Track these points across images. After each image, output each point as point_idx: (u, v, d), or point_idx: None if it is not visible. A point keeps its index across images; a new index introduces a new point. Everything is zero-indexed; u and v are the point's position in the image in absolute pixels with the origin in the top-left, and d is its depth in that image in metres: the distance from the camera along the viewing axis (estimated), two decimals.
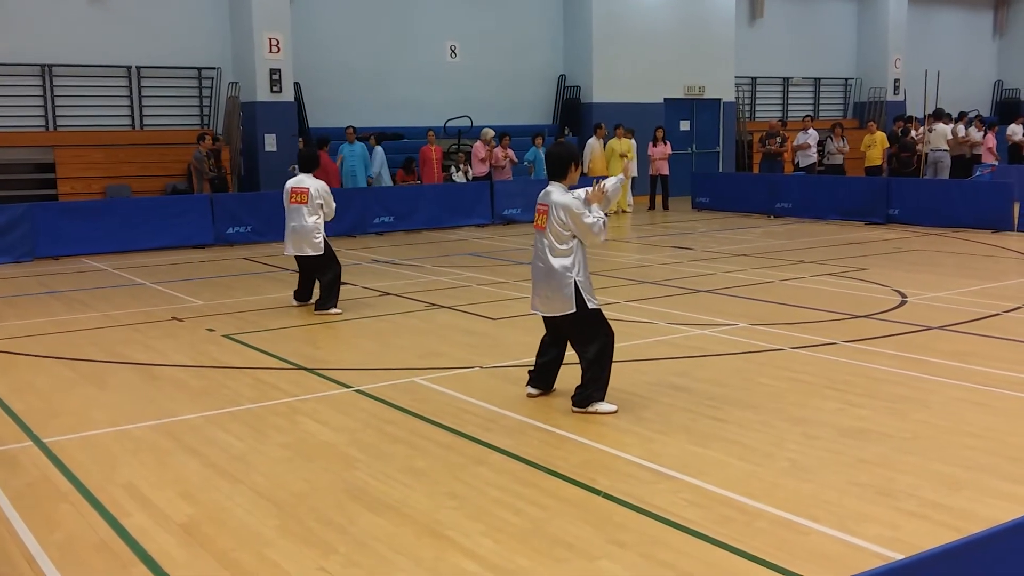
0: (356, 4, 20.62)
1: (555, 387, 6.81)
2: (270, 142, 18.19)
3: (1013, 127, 23.41)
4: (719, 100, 24.69)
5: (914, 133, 20.30)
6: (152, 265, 13.75)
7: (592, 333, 6.38)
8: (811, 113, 26.03)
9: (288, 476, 5.34)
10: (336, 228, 10.29)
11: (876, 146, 20.11)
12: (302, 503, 4.94)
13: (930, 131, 19.96)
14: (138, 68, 18.49)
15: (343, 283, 10.46)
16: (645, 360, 7.75)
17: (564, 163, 6.48)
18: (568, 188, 6.47)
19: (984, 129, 21.67)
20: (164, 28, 18.62)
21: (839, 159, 20.54)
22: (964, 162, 20.90)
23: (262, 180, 18.53)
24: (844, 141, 20.53)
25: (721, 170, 24.61)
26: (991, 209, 15.97)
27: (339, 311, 9.95)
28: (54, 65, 17.74)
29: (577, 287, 6.31)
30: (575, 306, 6.30)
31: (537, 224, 6.48)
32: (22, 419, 6.47)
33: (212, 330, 9.21)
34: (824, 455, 5.52)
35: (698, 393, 6.80)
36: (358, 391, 7.02)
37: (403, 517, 4.73)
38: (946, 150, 20.05)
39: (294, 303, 10.37)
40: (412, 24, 21.27)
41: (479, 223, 18.19)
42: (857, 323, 9.07)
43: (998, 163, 21.12)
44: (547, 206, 6.38)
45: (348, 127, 18.26)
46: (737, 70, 25.17)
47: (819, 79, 27.94)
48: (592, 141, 20.77)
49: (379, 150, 18.61)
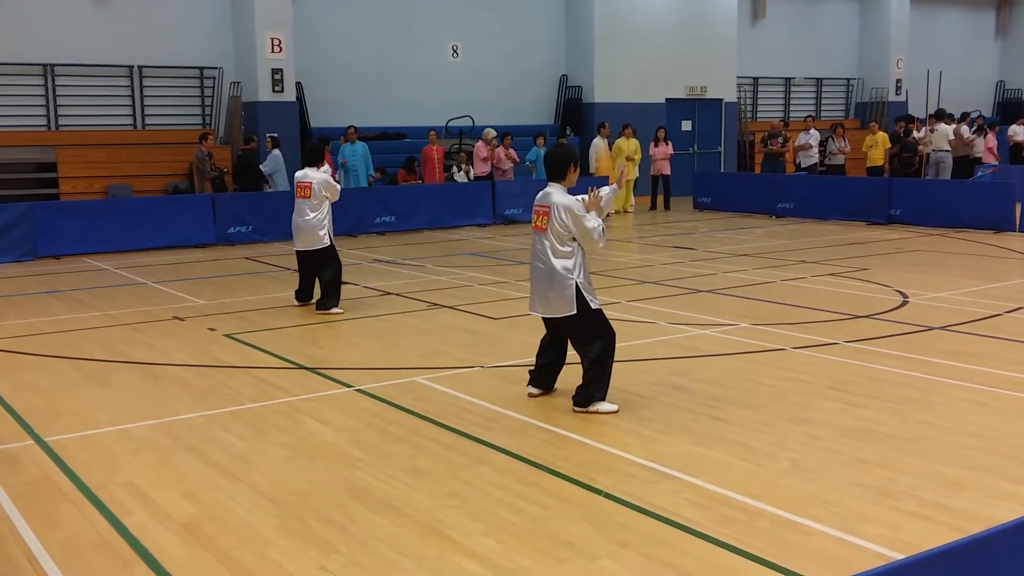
0: (358, 4, 20.62)
1: (556, 387, 6.81)
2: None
3: (1015, 127, 23.40)
4: (721, 100, 24.68)
5: (916, 133, 20.29)
6: (153, 264, 13.75)
7: (594, 333, 6.37)
8: (813, 113, 26.00)
9: (289, 475, 5.34)
10: (337, 228, 10.31)
11: (878, 146, 20.10)
12: (303, 502, 4.94)
13: (932, 131, 19.95)
14: (140, 68, 18.50)
15: (344, 283, 10.46)
16: (646, 360, 7.74)
17: (564, 164, 6.48)
18: (567, 190, 6.48)
19: (984, 130, 21.65)
20: (166, 28, 18.63)
21: (841, 159, 20.53)
22: (966, 163, 20.89)
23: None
24: (846, 141, 20.52)
25: (723, 170, 24.60)
26: (993, 209, 15.97)
27: (340, 311, 9.95)
28: (56, 64, 17.75)
29: (578, 288, 6.31)
30: (576, 308, 6.30)
31: (537, 225, 6.46)
32: (23, 418, 6.48)
33: (213, 329, 9.22)
34: (825, 455, 5.52)
35: (699, 393, 6.80)
36: (359, 391, 7.02)
37: (404, 517, 4.73)
38: (948, 151, 20.03)
39: (295, 303, 10.37)
40: (414, 24, 21.27)
41: (480, 223, 18.19)
42: (858, 323, 9.07)
43: (999, 163, 21.12)
44: (548, 207, 6.37)
45: (349, 127, 18.26)
46: (739, 70, 25.15)
47: (821, 79, 27.93)
48: (597, 141, 20.71)
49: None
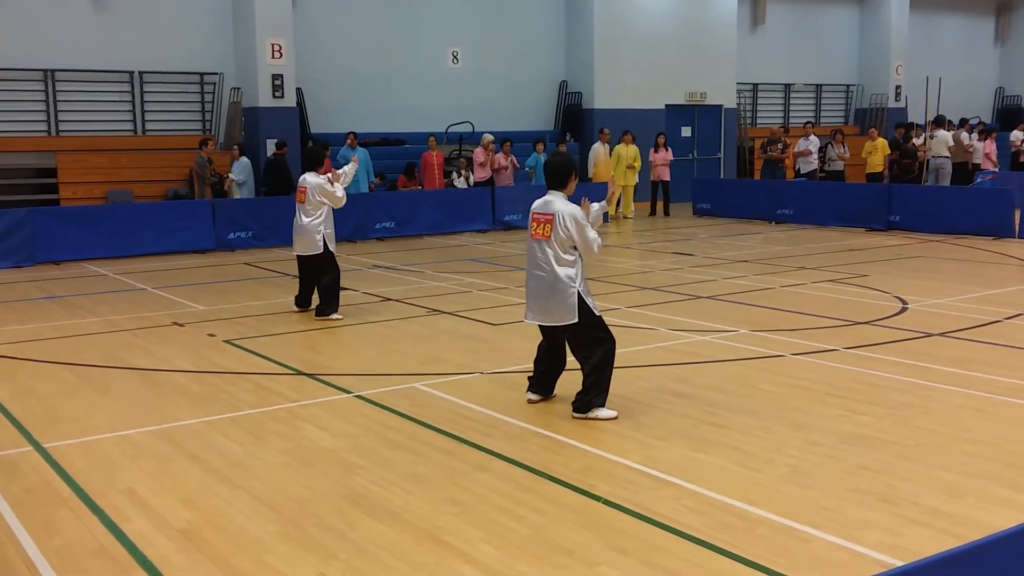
0: (358, 10, 20.65)
1: (555, 393, 6.81)
2: (272, 148, 18.17)
3: (1016, 133, 23.42)
4: (720, 106, 24.69)
5: (915, 140, 20.31)
6: (153, 270, 13.75)
7: (595, 340, 6.38)
8: (812, 119, 26.06)
9: (288, 482, 5.33)
10: (337, 233, 10.31)
11: (877, 152, 20.12)
12: (302, 509, 4.93)
13: (931, 138, 19.97)
14: (140, 73, 18.51)
15: (344, 288, 10.46)
16: (646, 366, 7.74)
17: (566, 173, 6.49)
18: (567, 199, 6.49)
19: (984, 136, 21.68)
20: (167, 33, 18.64)
21: (840, 165, 20.55)
22: (965, 169, 20.91)
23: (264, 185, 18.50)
24: (845, 147, 20.55)
25: (722, 176, 24.60)
26: (992, 216, 15.98)
27: (340, 316, 9.95)
28: (56, 70, 17.76)
29: (580, 296, 6.32)
30: (578, 315, 6.30)
31: (538, 233, 6.43)
32: (22, 424, 6.47)
33: (213, 335, 9.21)
34: (825, 461, 5.51)
35: (699, 399, 6.79)
36: (359, 397, 7.02)
37: (403, 523, 4.73)
38: (947, 157, 20.06)
39: (295, 308, 10.37)
40: (414, 30, 21.29)
41: (480, 229, 18.18)
42: (858, 329, 9.06)
43: (999, 170, 21.12)
44: (551, 215, 6.35)
45: (349, 133, 18.27)
46: (739, 76, 25.17)
47: (820, 85, 27.95)
48: (597, 146, 20.69)
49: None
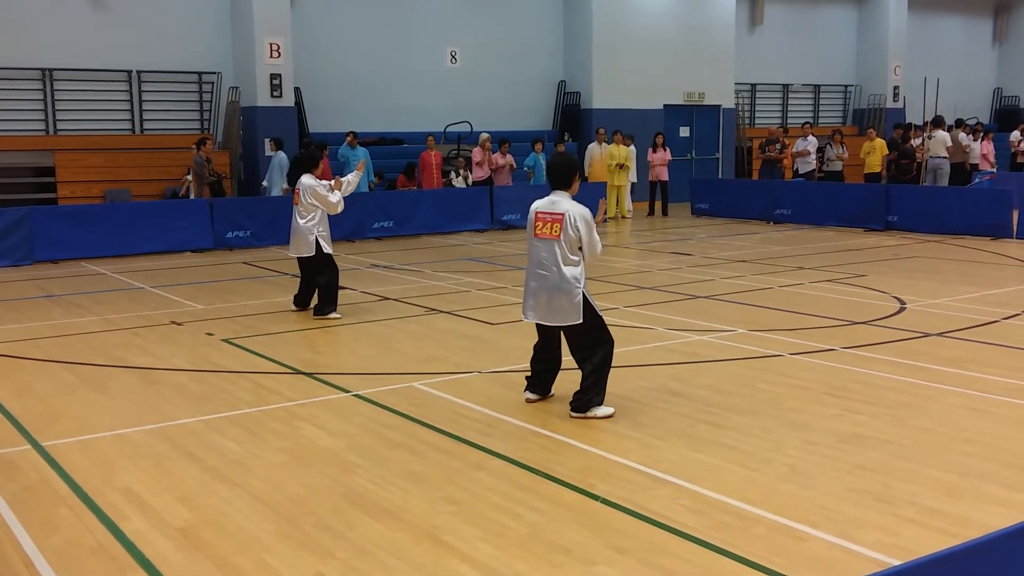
0: (357, 9, 20.64)
1: (553, 392, 6.82)
2: (270, 147, 18.18)
3: (1015, 133, 23.44)
4: (719, 106, 24.71)
5: (914, 140, 20.33)
6: (151, 269, 13.74)
7: (597, 340, 6.39)
8: (811, 120, 26.08)
9: (286, 481, 5.34)
10: (336, 233, 10.34)
11: (875, 153, 20.13)
12: (300, 508, 4.94)
13: (930, 138, 19.98)
14: (138, 72, 18.50)
15: (342, 288, 10.47)
16: (644, 366, 7.74)
17: (570, 173, 6.49)
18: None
19: (981, 136, 21.69)
20: (165, 32, 18.63)
21: (838, 166, 20.56)
22: (963, 169, 20.93)
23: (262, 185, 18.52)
24: (843, 148, 20.56)
25: (721, 176, 24.62)
26: (990, 216, 15.99)
27: (338, 315, 9.96)
28: (54, 69, 17.76)
29: (585, 297, 6.32)
30: (582, 316, 6.31)
31: (544, 233, 6.39)
32: (20, 423, 6.47)
33: (211, 334, 9.21)
34: (822, 461, 5.52)
35: (697, 399, 6.80)
36: (357, 396, 7.02)
37: (401, 522, 4.73)
38: (945, 157, 20.07)
39: (293, 308, 10.37)
40: (413, 30, 21.29)
41: (478, 228, 18.18)
42: (856, 329, 9.07)
43: (997, 170, 21.14)
44: (559, 215, 6.34)
45: (349, 133, 18.26)
46: (737, 76, 25.19)
47: (819, 86, 27.97)
48: (593, 146, 20.72)
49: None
